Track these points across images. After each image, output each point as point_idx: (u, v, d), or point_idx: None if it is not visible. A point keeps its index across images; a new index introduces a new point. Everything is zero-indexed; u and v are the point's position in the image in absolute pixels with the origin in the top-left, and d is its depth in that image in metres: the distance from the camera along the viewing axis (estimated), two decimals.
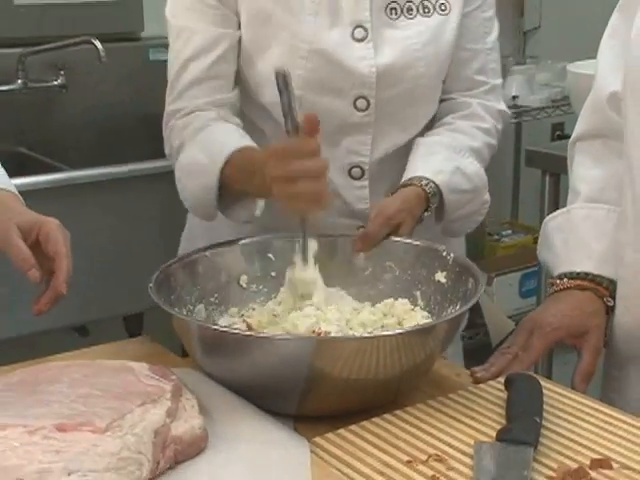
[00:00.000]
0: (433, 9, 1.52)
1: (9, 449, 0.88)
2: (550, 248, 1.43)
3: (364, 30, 1.48)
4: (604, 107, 1.38)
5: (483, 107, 1.61)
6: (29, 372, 1.09)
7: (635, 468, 1.00)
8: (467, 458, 1.01)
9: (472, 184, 1.53)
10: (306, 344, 1.12)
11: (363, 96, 1.50)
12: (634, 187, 1.27)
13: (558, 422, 1.09)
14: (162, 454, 0.96)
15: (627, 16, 1.34)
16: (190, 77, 1.52)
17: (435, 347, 1.18)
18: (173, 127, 1.53)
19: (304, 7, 1.47)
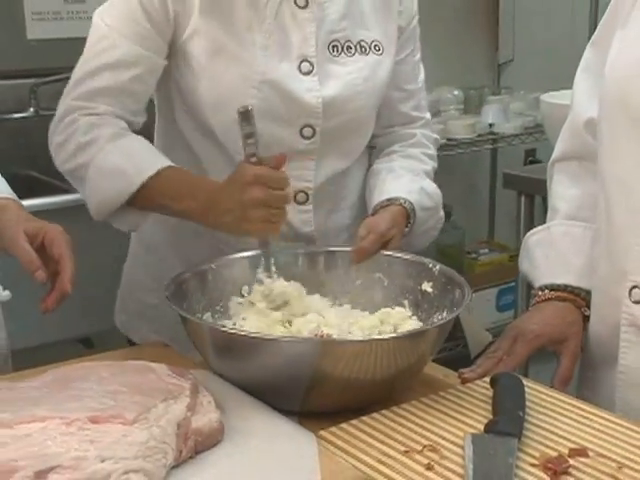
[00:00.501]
0: (369, 49, 1.53)
1: (49, 439, 0.89)
2: (531, 261, 1.44)
3: (310, 64, 1.48)
4: (581, 132, 1.39)
5: (425, 136, 1.67)
6: (61, 372, 1.10)
7: (608, 456, 1.02)
8: (458, 448, 1.03)
9: (433, 202, 1.57)
10: (311, 345, 1.14)
11: (309, 125, 1.49)
12: (607, 204, 1.28)
13: (539, 416, 1.11)
14: (184, 444, 0.97)
15: (599, 51, 1.36)
16: (104, 84, 1.44)
17: (426, 350, 1.19)
18: (77, 122, 1.44)
19: (256, 41, 1.46)
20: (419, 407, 1.14)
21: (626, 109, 1.23)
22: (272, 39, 1.46)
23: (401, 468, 0.99)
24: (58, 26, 2.76)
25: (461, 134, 3.13)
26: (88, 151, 1.42)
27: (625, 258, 1.23)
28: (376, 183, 1.56)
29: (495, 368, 1.25)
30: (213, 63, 1.44)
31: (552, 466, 0.99)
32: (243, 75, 1.44)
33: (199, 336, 1.20)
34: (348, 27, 1.51)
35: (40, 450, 0.88)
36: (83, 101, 1.45)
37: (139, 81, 1.45)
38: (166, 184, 1.39)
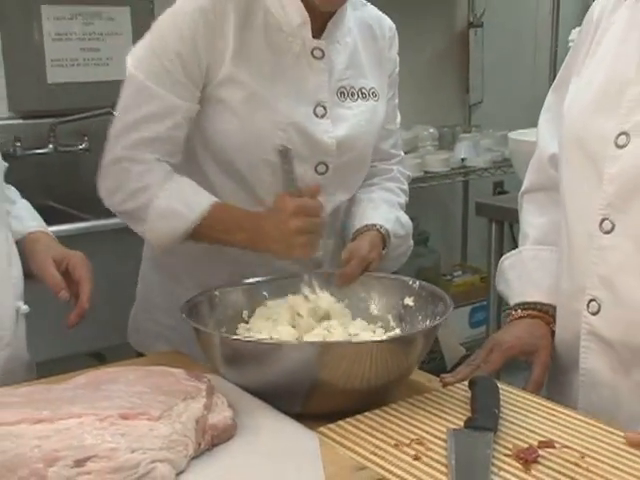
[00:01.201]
0: (368, 95, 1.54)
1: (85, 432, 0.91)
2: (506, 282, 1.45)
3: (324, 109, 1.48)
4: (546, 166, 1.42)
5: (400, 173, 1.69)
6: (92, 375, 1.11)
7: (572, 447, 1.04)
8: (442, 442, 1.05)
9: (405, 231, 1.58)
10: (311, 348, 1.15)
11: (324, 162, 1.49)
12: (567, 229, 1.29)
13: (512, 413, 1.13)
14: (202, 438, 0.99)
15: (559, 95, 1.38)
16: (146, 134, 1.42)
17: (415, 353, 1.20)
18: (128, 170, 1.43)
19: (279, 88, 1.45)
20: (407, 406, 1.15)
21: (581, 145, 1.25)
22: (292, 86, 1.46)
23: (392, 458, 1.02)
24: (75, 71, 2.77)
25: (436, 167, 3.15)
26: (143, 196, 1.42)
27: (583, 275, 1.25)
28: (357, 211, 1.57)
29: (472, 374, 1.25)
30: (243, 108, 1.43)
31: (523, 456, 1.01)
32: (271, 119, 1.44)
33: (210, 346, 1.20)
34: (351, 76, 1.53)
35: (78, 442, 0.90)
36: (129, 150, 1.43)
37: (177, 128, 1.44)
38: (216, 220, 1.41)
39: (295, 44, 1.46)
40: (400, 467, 1.00)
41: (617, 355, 1.22)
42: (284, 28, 1.45)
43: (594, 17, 1.33)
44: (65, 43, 2.75)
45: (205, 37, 1.40)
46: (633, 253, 1.18)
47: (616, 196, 1.19)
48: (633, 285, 1.19)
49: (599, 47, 1.29)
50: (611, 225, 1.20)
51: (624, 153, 1.18)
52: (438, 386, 1.24)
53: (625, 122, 1.19)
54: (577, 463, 1.01)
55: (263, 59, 1.45)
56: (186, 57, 1.40)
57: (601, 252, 1.22)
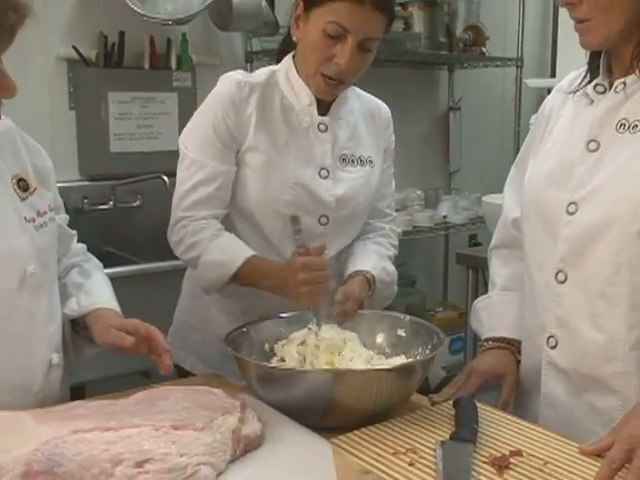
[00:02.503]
0: (365, 162, 1.55)
1: (144, 439, 0.92)
2: (478, 321, 1.45)
3: (327, 172, 1.50)
4: (509, 228, 1.42)
5: (391, 230, 1.67)
6: (147, 393, 1.12)
7: (537, 455, 1.05)
8: (431, 451, 1.05)
9: (390, 278, 1.57)
10: (327, 375, 1.15)
11: (325, 215, 1.50)
12: (529, 278, 1.30)
13: (488, 428, 1.13)
14: (237, 446, 1.00)
15: (520, 170, 1.39)
16: (198, 197, 1.46)
17: (415, 379, 1.19)
18: (186, 227, 1.47)
19: (291, 154, 1.48)
20: (403, 421, 1.16)
21: (539, 212, 1.26)
22: (302, 153, 1.49)
23: (391, 464, 1.03)
24: (132, 143, 2.79)
25: (423, 223, 3.15)
26: (196, 249, 1.46)
27: (543, 316, 1.25)
28: (351, 259, 1.56)
29: (454, 394, 1.26)
30: (262, 170, 1.47)
31: (498, 463, 1.02)
32: (283, 179, 1.47)
33: (247, 370, 1.21)
34: (352, 146, 1.54)
35: (138, 447, 0.91)
36: (187, 211, 1.47)
37: (222, 189, 1.48)
38: (249, 270, 1.42)
39: (304, 120, 1.50)
40: (398, 472, 1.01)
41: (571, 381, 1.23)
42: (296, 108, 1.50)
43: (545, 112, 1.35)
44: (125, 121, 2.78)
45: (232, 115, 1.46)
46: (582, 299, 1.19)
47: (568, 253, 1.20)
48: (583, 325, 1.20)
49: (551, 135, 1.30)
50: (564, 276, 1.21)
51: (574, 219, 1.19)
52: (427, 404, 1.24)
53: (574, 194, 1.20)
54: (541, 469, 1.01)
55: (279, 131, 1.49)
56: (219, 131, 1.46)
57: (557, 298, 1.23)
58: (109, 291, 1.35)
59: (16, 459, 0.87)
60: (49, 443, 0.90)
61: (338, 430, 1.12)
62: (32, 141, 1.27)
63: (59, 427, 0.93)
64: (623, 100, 1.18)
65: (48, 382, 1.21)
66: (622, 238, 1.14)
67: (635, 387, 1.16)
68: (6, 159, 1.18)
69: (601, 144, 1.19)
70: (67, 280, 1.33)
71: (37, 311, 1.19)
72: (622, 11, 1.12)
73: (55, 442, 0.90)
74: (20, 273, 1.14)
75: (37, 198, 1.20)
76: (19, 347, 1.16)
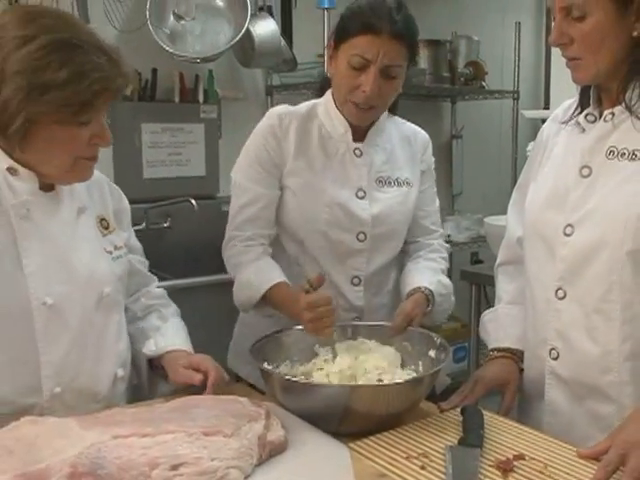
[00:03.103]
0: (403, 183, 1.56)
1: (178, 444, 0.93)
2: (485, 332, 1.44)
3: (363, 192, 1.51)
4: (514, 246, 1.41)
5: (440, 245, 1.66)
6: (180, 401, 1.11)
7: (538, 459, 1.04)
8: (441, 455, 1.05)
9: (447, 290, 1.55)
10: (344, 389, 1.14)
11: (363, 232, 1.50)
12: (531, 295, 1.29)
13: (493, 434, 1.12)
14: (263, 451, 1.00)
15: (521, 194, 1.38)
16: (244, 217, 1.50)
17: (422, 390, 1.19)
18: (234, 248, 1.51)
19: (328, 177, 1.49)
20: (415, 428, 1.15)
21: (539, 233, 1.26)
22: (338, 175, 1.51)
23: (404, 468, 1.02)
24: (163, 170, 2.81)
25: None
26: (237, 269, 1.50)
27: (544, 330, 1.25)
28: (407, 279, 1.55)
29: (461, 402, 1.24)
30: (302, 193, 1.50)
31: (502, 466, 1.01)
32: (320, 200, 1.49)
33: (270, 380, 1.20)
34: (389, 169, 1.55)
35: (173, 452, 0.92)
36: (236, 230, 1.52)
37: (266, 209, 1.51)
38: (273, 295, 1.43)
39: (341, 146, 1.52)
40: (410, 475, 1.00)
41: (572, 390, 1.23)
42: (333, 136, 1.52)
43: (543, 138, 1.35)
44: (157, 150, 2.80)
45: (274, 144, 1.50)
46: (580, 314, 1.19)
47: (566, 272, 1.20)
48: (581, 338, 1.19)
49: (548, 160, 1.30)
50: (563, 293, 1.21)
51: (570, 240, 1.19)
52: (437, 412, 1.23)
53: (570, 217, 1.20)
54: (542, 471, 1.00)
55: (316, 157, 1.51)
56: (262, 158, 1.51)
57: (557, 313, 1.22)
58: (183, 334, 1.39)
59: (63, 461, 0.88)
60: (92, 447, 0.90)
61: (354, 435, 1.11)
62: (115, 187, 1.37)
63: (101, 432, 0.94)
64: (612, 129, 1.18)
65: (112, 393, 1.25)
66: (614, 258, 1.14)
67: (630, 395, 1.16)
68: (94, 202, 1.28)
69: (593, 170, 1.19)
70: (146, 323, 1.38)
71: (109, 329, 1.25)
72: (609, 51, 1.12)
73: (97, 446, 0.91)
74: (98, 293, 1.22)
75: (115, 236, 1.30)
76: (91, 358, 1.21)
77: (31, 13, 1.11)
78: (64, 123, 1.10)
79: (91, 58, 1.08)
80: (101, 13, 2.53)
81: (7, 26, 1.08)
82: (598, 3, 1.09)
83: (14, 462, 0.89)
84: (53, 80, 1.06)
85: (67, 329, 1.17)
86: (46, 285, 1.14)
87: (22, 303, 1.12)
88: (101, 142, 1.16)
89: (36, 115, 1.08)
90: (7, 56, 1.06)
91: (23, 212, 1.14)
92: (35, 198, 1.16)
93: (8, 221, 1.13)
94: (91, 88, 1.08)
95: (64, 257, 1.18)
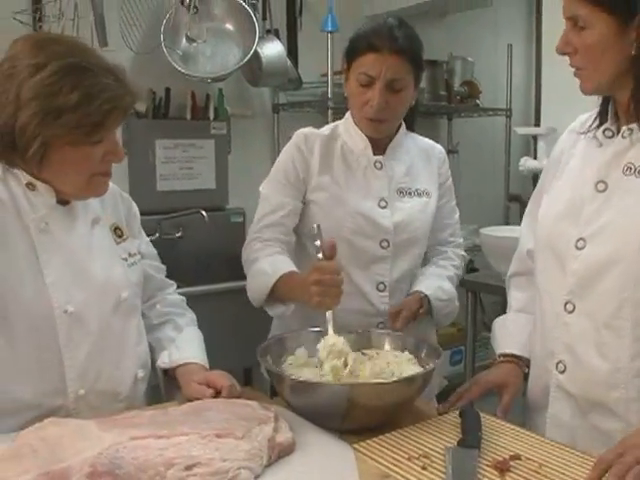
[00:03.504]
0: (422, 194, 1.57)
1: (192, 446, 0.93)
2: (494, 337, 1.40)
3: (385, 202, 1.53)
4: (525, 258, 1.36)
5: (454, 253, 1.68)
6: (193, 405, 1.11)
7: (533, 459, 1.03)
8: (441, 456, 1.04)
9: (447, 296, 1.57)
10: (346, 387, 1.13)
11: (386, 239, 1.52)
12: (540, 308, 1.25)
13: (491, 435, 1.11)
14: (272, 452, 1.00)
15: (535, 204, 1.33)
16: (266, 223, 1.53)
17: (417, 388, 1.17)
18: (253, 245, 1.53)
19: (351, 189, 1.52)
20: (416, 430, 1.14)
21: (551, 246, 1.22)
22: (361, 187, 1.53)
23: (406, 468, 1.01)
24: (175, 183, 2.82)
25: None
26: (252, 263, 1.50)
27: (552, 343, 1.21)
28: (415, 281, 1.58)
29: (457, 402, 1.22)
30: (327, 205, 1.52)
31: (499, 466, 1.00)
32: (345, 210, 1.51)
33: (277, 380, 1.18)
34: (409, 181, 1.57)
35: (187, 453, 0.92)
36: (257, 233, 1.54)
37: (287, 217, 1.53)
38: (286, 282, 1.41)
39: (362, 160, 1.55)
40: (413, 474, 1.00)
41: (578, 404, 1.18)
42: (354, 151, 1.56)
43: (558, 151, 1.31)
44: (170, 164, 2.81)
45: (300, 161, 1.54)
46: (589, 329, 1.15)
47: (576, 285, 1.16)
48: (590, 353, 1.15)
49: (563, 174, 1.26)
50: (573, 307, 1.17)
51: (582, 254, 1.15)
52: (435, 413, 1.22)
53: (583, 231, 1.15)
54: (537, 471, 1.00)
55: (340, 172, 1.54)
56: (288, 172, 1.54)
57: (565, 327, 1.18)
58: (197, 345, 1.36)
59: (83, 461, 0.88)
60: (111, 448, 0.90)
61: (358, 433, 1.11)
62: (126, 195, 1.37)
63: (119, 434, 0.94)
64: (629, 145, 1.14)
65: (133, 393, 1.25)
66: (626, 275, 1.09)
67: (637, 412, 1.10)
68: (108, 212, 1.29)
69: (609, 185, 1.15)
70: (161, 334, 1.37)
71: (128, 333, 1.26)
72: (609, 64, 1.10)
73: (116, 447, 0.91)
74: (116, 298, 1.22)
75: (128, 243, 1.30)
76: (112, 361, 1.21)
77: (41, 41, 1.11)
78: (78, 144, 1.11)
79: (100, 80, 1.09)
80: (118, 36, 2.54)
81: (19, 55, 1.09)
82: (600, 16, 1.07)
83: (38, 461, 0.89)
84: (65, 104, 1.06)
85: (88, 334, 1.18)
86: (66, 294, 1.15)
87: (45, 312, 1.13)
88: (114, 158, 1.17)
89: (51, 138, 1.09)
90: (21, 83, 1.07)
91: (42, 226, 1.15)
92: (53, 212, 1.17)
93: (28, 235, 1.14)
94: (101, 108, 1.08)
95: (82, 266, 1.19)
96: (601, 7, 1.06)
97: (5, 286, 1.10)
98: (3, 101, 1.08)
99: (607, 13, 1.06)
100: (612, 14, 1.06)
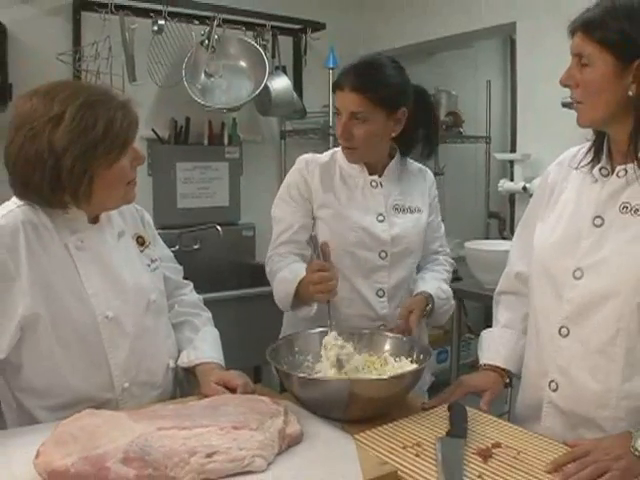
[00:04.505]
0: (415, 210, 1.57)
1: (212, 437, 0.92)
2: (481, 348, 1.35)
3: (382, 217, 1.53)
4: (512, 279, 1.33)
5: (445, 260, 1.68)
6: (211, 400, 1.10)
7: (512, 447, 1.03)
8: (432, 445, 1.04)
9: (446, 295, 1.56)
10: (346, 382, 1.14)
11: (384, 250, 1.52)
12: (536, 328, 1.20)
13: (475, 426, 1.11)
14: (282, 442, 0.99)
15: (525, 230, 1.29)
16: (282, 240, 1.54)
17: (410, 381, 1.18)
18: (274, 259, 1.53)
19: (352, 206, 1.52)
20: (409, 422, 1.14)
21: (548, 274, 1.17)
22: (361, 204, 1.54)
23: (402, 456, 1.01)
24: (194, 201, 2.83)
25: None
26: (275, 273, 1.50)
27: (546, 363, 1.16)
28: (415, 286, 1.57)
29: (440, 404, 1.20)
30: (332, 221, 1.52)
31: (483, 453, 1.01)
32: (347, 225, 1.51)
33: (286, 378, 1.18)
34: (402, 198, 1.57)
35: (207, 442, 0.92)
36: (275, 250, 1.55)
37: (298, 234, 1.54)
38: (302, 285, 1.39)
39: (360, 181, 1.55)
40: (407, 461, 1.00)
41: (568, 419, 1.14)
42: (351, 173, 1.56)
43: (549, 180, 1.25)
44: (189, 184, 2.83)
45: (302, 184, 1.56)
46: (582, 353, 1.10)
47: (572, 313, 1.11)
48: (581, 374, 1.11)
49: (557, 204, 1.20)
50: (567, 331, 1.12)
51: (579, 284, 1.10)
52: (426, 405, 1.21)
53: (580, 261, 1.10)
54: (515, 457, 1.00)
55: (341, 191, 1.55)
56: (293, 194, 1.56)
57: (559, 349, 1.13)
58: (213, 345, 1.34)
59: (117, 448, 0.88)
60: (141, 437, 0.91)
61: (359, 423, 1.11)
62: (139, 207, 1.37)
63: (148, 425, 0.94)
64: (625, 185, 1.09)
65: (166, 380, 1.28)
66: (622, 308, 1.05)
67: (623, 429, 1.04)
68: (128, 224, 1.30)
69: (605, 221, 1.10)
70: (181, 334, 1.36)
71: (159, 329, 1.28)
72: (605, 103, 1.05)
73: (145, 437, 0.91)
74: (146, 300, 1.24)
75: (150, 250, 1.32)
76: (148, 355, 1.23)
77: (48, 93, 1.09)
78: (113, 163, 1.12)
79: (109, 105, 1.10)
80: (145, 72, 2.57)
81: (33, 114, 1.07)
82: (604, 56, 1.03)
83: (79, 447, 0.89)
84: (95, 137, 1.07)
85: (126, 335, 1.19)
86: (105, 302, 1.17)
87: (90, 319, 1.15)
88: (139, 162, 1.18)
89: (97, 169, 1.10)
90: (50, 137, 1.06)
91: (79, 244, 1.17)
92: (86, 231, 1.18)
93: (68, 252, 1.15)
94: (122, 127, 1.10)
95: (115, 276, 1.20)
96: (606, 48, 1.03)
97: (54, 300, 1.12)
98: (41, 158, 1.07)
99: (610, 54, 1.03)
100: (615, 56, 1.03)
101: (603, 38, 1.03)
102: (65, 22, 2.52)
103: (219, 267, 2.85)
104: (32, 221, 1.12)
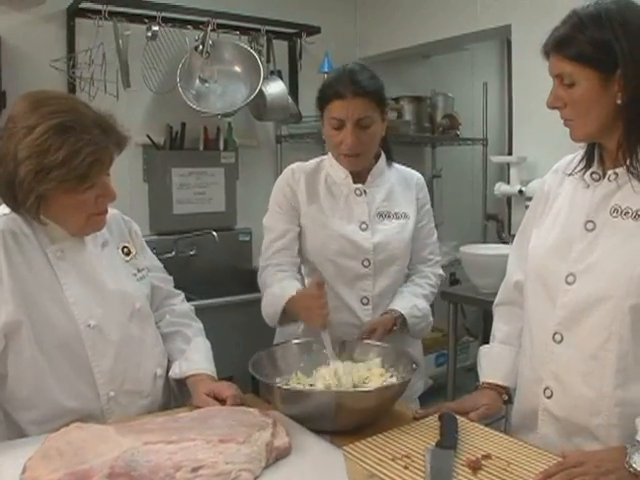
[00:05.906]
0: (400, 216, 1.56)
1: (198, 450, 0.92)
2: (480, 365, 1.34)
3: (366, 225, 1.52)
4: (511, 289, 1.31)
5: (432, 273, 1.63)
6: (200, 412, 1.10)
7: (502, 458, 1.03)
8: (421, 456, 1.03)
9: (421, 313, 1.54)
10: (332, 394, 1.14)
11: (367, 259, 1.51)
12: (530, 335, 1.20)
13: (465, 437, 1.10)
14: (270, 455, 0.99)
15: (522, 238, 1.29)
16: (273, 249, 1.53)
17: (395, 393, 1.18)
18: (267, 271, 1.53)
19: (335, 215, 1.52)
20: (398, 432, 1.13)
21: (541, 279, 1.17)
22: (344, 213, 1.54)
23: (390, 468, 1.00)
24: (190, 207, 2.82)
25: None
26: (266, 287, 1.51)
27: (540, 370, 1.15)
28: (392, 300, 1.55)
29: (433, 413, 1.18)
30: (314, 229, 1.53)
31: (472, 464, 1.00)
32: (329, 234, 1.52)
33: (268, 391, 1.18)
34: (388, 205, 1.56)
35: (194, 456, 0.92)
36: (268, 260, 1.54)
37: (289, 242, 1.54)
38: (293, 304, 1.40)
39: (344, 189, 1.55)
40: (396, 473, 0.99)
41: (563, 427, 1.13)
42: (336, 181, 1.56)
43: (545, 188, 1.25)
44: (184, 190, 2.82)
45: (289, 193, 1.56)
46: (576, 359, 1.10)
47: (565, 318, 1.11)
48: (576, 381, 1.10)
49: (551, 210, 1.21)
50: (561, 337, 1.12)
51: (572, 289, 1.10)
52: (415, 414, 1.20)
53: (573, 266, 1.10)
54: (505, 468, 0.99)
55: (325, 200, 1.55)
56: (281, 203, 1.56)
57: (553, 355, 1.13)
58: (204, 356, 1.34)
59: (103, 463, 0.89)
60: (127, 452, 0.91)
61: (346, 436, 1.10)
62: (127, 218, 1.37)
63: (134, 439, 0.94)
64: (615, 189, 1.09)
65: (154, 389, 1.27)
66: (614, 311, 1.05)
67: (617, 437, 1.05)
68: (114, 235, 1.31)
69: (597, 225, 1.10)
70: (172, 345, 1.36)
71: (145, 337, 1.27)
72: (596, 117, 1.06)
73: (131, 451, 0.91)
74: (131, 308, 1.24)
75: (136, 260, 1.32)
76: (134, 363, 1.23)
77: (35, 102, 1.10)
78: (70, 192, 1.11)
79: (82, 136, 1.08)
80: (140, 78, 2.57)
81: (17, 118, 1.10)
82: (585, 73, 1.03)
83: (65, 462, 0.89)
84: (53, 162, 1.06)
85: (110, 343, 1.19)
86: (88, 310, 1.17)
87: (72, 327, 1.16)
88: (106, 199, 1.17)
89: (45, 191, 1.10)
90: (18, 144, 1.08)
91: (59, 254, 1.18)
92: (66, 241, 1.19)
93: (48, 263, 1.17)
94: (84, 162, 1.08)
95: (98, 284, 1.21)
96: (585, 63, 1.03)
97: (35, 310, 1.13)
98: (6, 158, 1.09)
99: (591, 69, 1.03)
100: (595, 70, 1.03)
101: (579, 54, 1.03)
102: (59, 29, 2.52)
103: (216, 273, 2.84)
104: (12, 230, 1.14)
